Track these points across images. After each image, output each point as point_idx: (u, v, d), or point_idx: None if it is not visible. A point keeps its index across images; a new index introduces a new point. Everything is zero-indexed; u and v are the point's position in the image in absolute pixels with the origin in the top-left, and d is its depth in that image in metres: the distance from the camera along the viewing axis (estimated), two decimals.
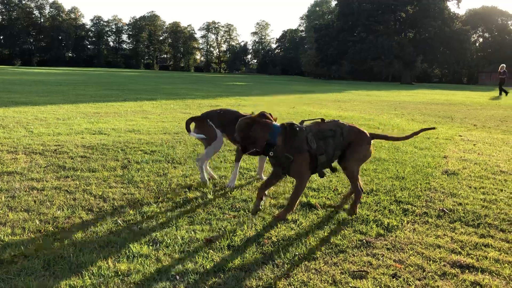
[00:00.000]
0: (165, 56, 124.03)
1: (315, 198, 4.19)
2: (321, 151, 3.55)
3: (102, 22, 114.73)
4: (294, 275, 2.70)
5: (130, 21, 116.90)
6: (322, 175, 3.66)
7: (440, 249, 3.13)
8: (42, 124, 8.15)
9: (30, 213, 3.56)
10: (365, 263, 2.89)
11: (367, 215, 3.76)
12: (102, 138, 6.81)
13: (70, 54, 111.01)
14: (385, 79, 66.93)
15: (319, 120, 3.74)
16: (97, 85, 23.22)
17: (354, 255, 3.00)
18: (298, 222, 3.58)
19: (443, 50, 64.29)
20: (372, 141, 3.82)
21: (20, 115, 9.24)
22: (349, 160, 3.71)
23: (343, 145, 3.67)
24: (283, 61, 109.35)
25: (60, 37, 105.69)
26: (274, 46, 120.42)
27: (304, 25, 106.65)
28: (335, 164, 3.83)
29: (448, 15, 64.68)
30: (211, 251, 2.98)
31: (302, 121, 3.70)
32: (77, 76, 35.08)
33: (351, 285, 2.58)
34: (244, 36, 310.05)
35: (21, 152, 5.64)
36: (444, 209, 3.98)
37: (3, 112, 9.67)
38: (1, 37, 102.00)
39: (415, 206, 4.06)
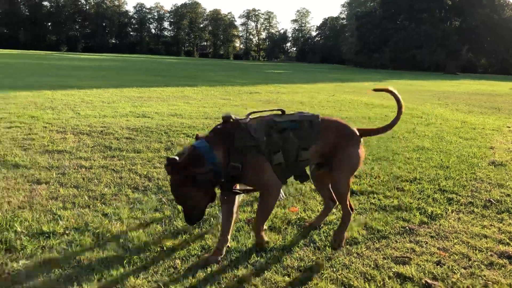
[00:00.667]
0: (205, 43, 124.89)
1: (357, 184, 4.15)
2: (275, 147, 2.59)
3: (144, 9, 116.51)
4: (335, 258, 2.70)
5: (171, 8, 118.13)
6: (300, 178, 2.81)
7: (486, 239, 3.05)
8: (89, 106, 8.42)
9: (79, 189, 3.71)
10: (408, 249, 2.85)
11: (410, 203, 3.70)
12: (146, 121, 6.97)
13: (113, 41, 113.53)
14: (428, 69, 64.96)
15: (278, 112, 2.79)
16: (140, 71, 23.71)
17: (396, 241, 2.97)
18: (338, 207, 3.57)
19: (491, 39, 61.66)
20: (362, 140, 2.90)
21: (68, 98, 9.58)
22: (336, 170, 2.76)
23: (320, 145, 2.72)
24: (322, 49, 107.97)
25: (104, 24, 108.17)
26: (314, 34, 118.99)
27: (346, 12, 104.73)
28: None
29: (498, 2, 61.89)
30: (252, 231, 3.02)
31: (249, 114, 2.75)
32: (120, 62, 35.92)
33: (393, 270, 2.57)
34: (284, 23, 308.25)
35: (69, 133, 5.86)
36: (491, 199, 3.86)
37: (52, 94, 10.05)
38: (49, 24, 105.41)
39: (460, 195, 3.96)
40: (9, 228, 2.88)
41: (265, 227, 3.04)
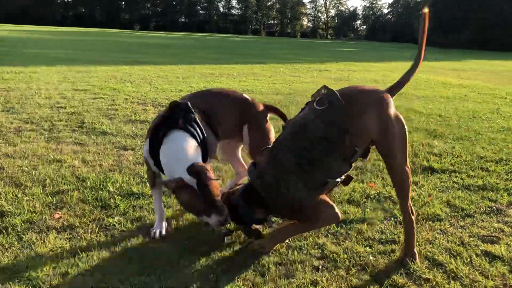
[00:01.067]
0: (272, 21, 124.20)
1: (437, 163, 4.02)
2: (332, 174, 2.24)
3: None
4: (418, 233, 2.65)
5: None
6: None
7: None
8: (165, 81, 8.73)
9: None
10: (496, 229, 2.74)
11: (497, 183, 3.52)
12: None
13: (183, 20, 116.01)
14: (510, 49, 60.63)
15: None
16: (209, 49, 24.11)
17: (483, 221, 2.85)
18: (419, 184, 3.48)
19: None
20: None
21: (144, 73, 9.97)
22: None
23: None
24: (394, 28, 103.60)
25: (174, 3, 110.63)
26: (385, 11, 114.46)
27: None
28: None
29: None
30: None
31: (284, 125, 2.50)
32: (190, 41, 36.70)
33: (481, 248, 2.48)
34: (354, 0, 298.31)
35: (149, 105, 6.12)
36: None
37: (129, 69, 10.51)
38: (123, 3, 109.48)
39: None
40: (103, 188, 3.09)
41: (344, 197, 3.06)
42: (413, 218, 2.33)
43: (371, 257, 2.35)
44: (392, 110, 2.25)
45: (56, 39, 25.59)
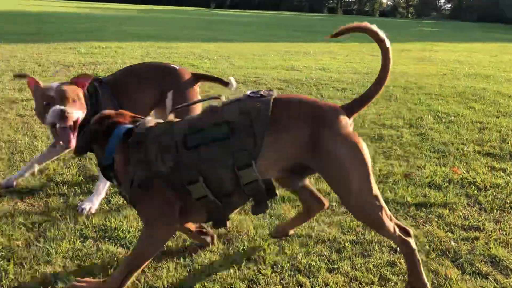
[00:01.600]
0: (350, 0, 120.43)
1: None
2: (191, 175, 1.69)
3: None
4: (504, 221, 2.50)
5: None
6: (256, 211, 1.83)
7: None
8: (241, 58, 8.82)
9: None
10: None
11: None
12: (295, 74, 7.08)
13: None
14: None
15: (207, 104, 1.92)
16: (284, 27, 23.93)
17: None
18: (507, 171, 3.27)
19: None
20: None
21: (221, 50, 10.13)
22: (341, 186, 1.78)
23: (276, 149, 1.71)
24: (481, 7, 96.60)
25: None
26: None
27: None
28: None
29: None
30: (411, 185, 2.94)
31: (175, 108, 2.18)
32: (264, 19, 36.65)
33: None
34: None
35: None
36: None
37: (207, 46, 10.73)
38: None
39: None
40: None
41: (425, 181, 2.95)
42: (411, 241, 1.80)
43: (452, 243, 2.26)
44: (343, 131, 1.73)
45: (138, 16, 26.65)
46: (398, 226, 1.82)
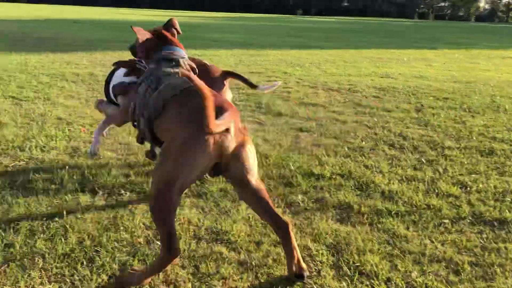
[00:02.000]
0: (443, 4, 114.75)
1: None
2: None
3: None
4: None
5: None
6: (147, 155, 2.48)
7: None
8: (332, 65, 8.74)
9: (338, 140, 3.91)
10: None
11: None
12: (391, 82, 6.87)
13: (345, 4, 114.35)
14: None
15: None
16: (374, 33, 23.41)
17: None
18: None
19: None
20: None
21: (312, 57, 10.12)
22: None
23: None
24: None
25: None
26: None
27: None
28: None
29: None
30: None
31: None
32: (353, 25, 36.08)
33: None
34: None
35: (320, 88, 6.20)
36: None
37: (298, 53, 10.77)
38: None
39: None
40: (284, 166, 3.24)
41: None
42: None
43: None
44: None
45: (229, 24, 27.48)
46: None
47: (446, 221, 2.50)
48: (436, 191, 2.90)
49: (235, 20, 36.69)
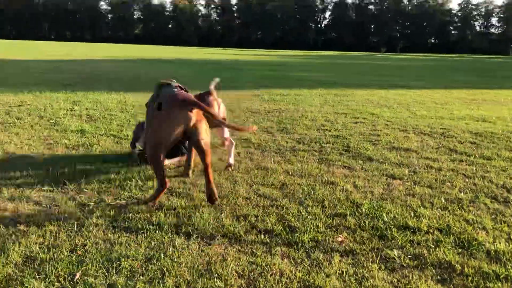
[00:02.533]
0: None
1: None
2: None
3: (470, 6, 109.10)
4: None
5: (503, 3, 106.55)
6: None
7: None
8: (422, 107, 8.43)
9: (433, 190, 3.70)
10: None
11: None
12: (488, 126, 6.46)
13: (432, 41, 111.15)
14: None
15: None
16: (463, 71, 22.39)
17: None
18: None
19: None
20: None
21: (399, 97, 9.85)
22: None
23: None
24: None
25: (424, 24, 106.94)
26: None
27: None
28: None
29: None
30: None
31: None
32: (441, 62, 34.87)
33: None
34: None
35: (411, 132, 5.97)
36: None
37: (384, 93, 10.55)
38: (372, 26, 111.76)
39: None
40: (377, 216, 3.11)
41: None
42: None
43: None
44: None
45: (312, 62, 27.80)
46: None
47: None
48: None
49: (317, 58, 37.04)
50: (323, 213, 3.16)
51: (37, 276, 2.22)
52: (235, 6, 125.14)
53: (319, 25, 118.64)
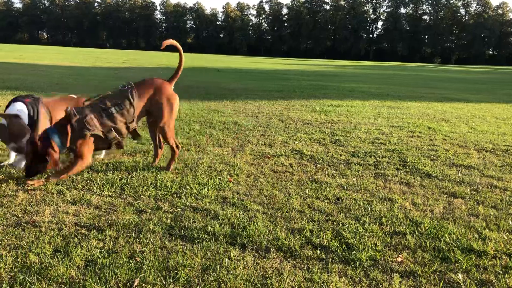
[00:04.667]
0: None
1: None
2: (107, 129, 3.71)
3: None
4: None
5: None
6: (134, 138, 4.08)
7: None
8: (482, 122, 8.06)
9: (499, 211, 3.50)
10: None
11: None
12: None
13: (490, 52, 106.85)
14: None
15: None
16: None
17: None
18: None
19: None
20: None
21: (458, 111, 9.48)
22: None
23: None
24: None
25: (482, 35, 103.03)
26: None
27: None
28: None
29: None
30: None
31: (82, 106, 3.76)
32: (500, 75, 33.36)
33: None
34: None
35: (471, 148, 5.71)
36: None
37: (441, 107, 10.19)
38: (426, 37, 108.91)
39: None
40: (439, 237, 2.97)
41: None
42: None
43: None
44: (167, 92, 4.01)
45: (363, 73, 27.38)
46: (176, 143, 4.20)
47: None
48: None
49: (368, 69, 36.44)
50: (381, 230, 3.05)
51: (98, 281, 2.27)
52: (286, 16, 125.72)
53: (371, 35, 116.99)
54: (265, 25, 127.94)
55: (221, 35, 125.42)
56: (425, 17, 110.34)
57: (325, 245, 2.80)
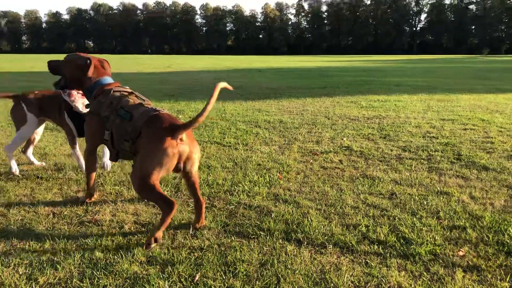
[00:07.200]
0: None
1: None
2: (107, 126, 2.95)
3: None
4: None
5: None
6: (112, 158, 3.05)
7: None
8: None
9: None
10: None
11: None
12: None
13: None
14: None
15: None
16: None
17: None
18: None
19: None
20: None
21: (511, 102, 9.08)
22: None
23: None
24: None
25: None
26: None
27: None
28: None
29: None
30: None
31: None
32: None
33: None
34: None
35: None
36: None
37: (493, 98, 9.80)
38: (472, 27, 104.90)
39: None
40: (502, 230, 2.86)
41: None
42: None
43: None
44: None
45: (408, 67, 26.73)
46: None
47: None
48: None
49: (413, 63, 35.49)
50: (439, 225, 2.97)
51: (161, 275, 2.34)
52: (325, 13, 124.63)
53: (414, 28, 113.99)
54: (305, 23, 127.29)
55: (260, 36, 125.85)
56: (472, 6, 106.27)
57: (382, 240, 2.76)
